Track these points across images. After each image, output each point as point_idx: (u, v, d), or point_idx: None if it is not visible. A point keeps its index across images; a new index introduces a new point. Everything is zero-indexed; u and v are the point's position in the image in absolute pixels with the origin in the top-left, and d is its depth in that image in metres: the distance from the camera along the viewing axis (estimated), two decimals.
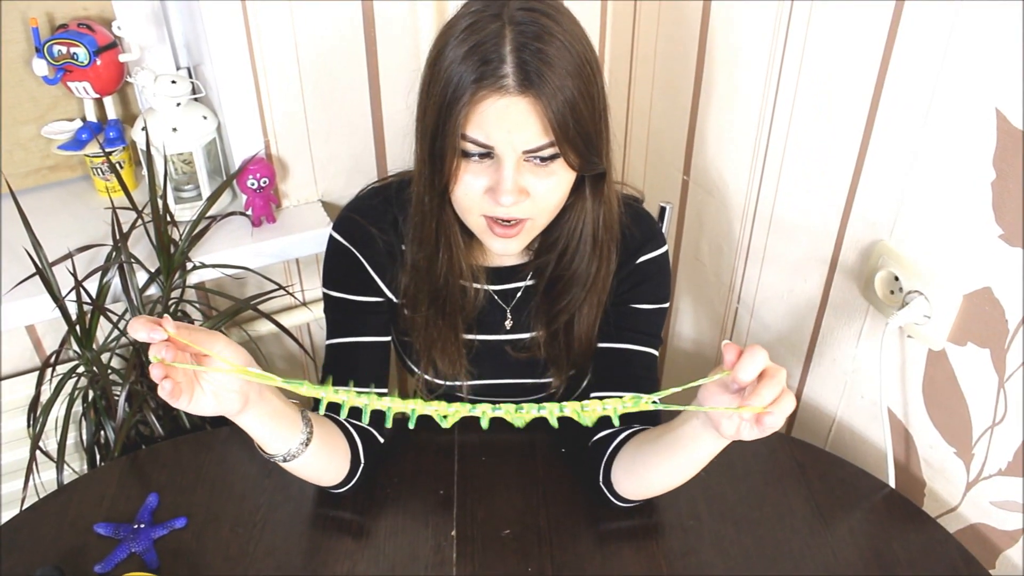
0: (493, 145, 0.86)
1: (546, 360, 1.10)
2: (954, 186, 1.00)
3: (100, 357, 1.28)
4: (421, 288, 1.03)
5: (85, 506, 1.05)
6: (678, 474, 0.95)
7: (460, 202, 0.92)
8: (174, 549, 1.00)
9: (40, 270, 1.23)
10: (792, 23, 1.16)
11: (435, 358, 1.07)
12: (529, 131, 0.85)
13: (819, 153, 1.18)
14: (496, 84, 0.83)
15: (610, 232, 1.01)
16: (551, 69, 0.83)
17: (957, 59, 0.95)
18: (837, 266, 1.21)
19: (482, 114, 0.84)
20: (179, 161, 1.43)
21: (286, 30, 1.32)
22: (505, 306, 1.09)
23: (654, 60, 1.49)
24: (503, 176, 0.87)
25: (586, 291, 1.03)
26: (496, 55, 0.83)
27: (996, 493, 1.06)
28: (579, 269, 1.01)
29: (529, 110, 0.84)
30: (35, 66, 1.31)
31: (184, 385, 0.77)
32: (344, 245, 1.05)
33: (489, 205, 0.90)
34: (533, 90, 0.83)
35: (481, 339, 1.10)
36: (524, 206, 0.90)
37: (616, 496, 1.02)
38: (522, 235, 0.94)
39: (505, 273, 1.08)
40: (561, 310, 1.05)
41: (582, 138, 0.87)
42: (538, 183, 0.89)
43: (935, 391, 1.11)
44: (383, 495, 1.07)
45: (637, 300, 1.07)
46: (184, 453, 1.13)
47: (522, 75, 0.83)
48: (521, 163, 0.88)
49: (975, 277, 1.00)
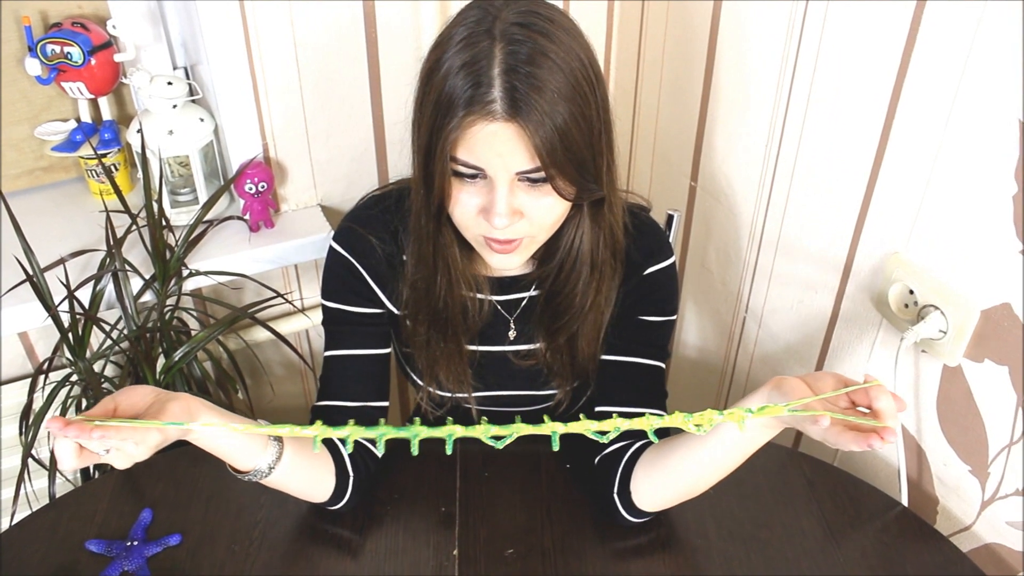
0: (484, 167, 0.84)
1: (549, 372, 1.08)
2: (973, 198, 0.97)
3: (93, 366, 1.25)
4: (421, 307, 1.01)
5: (76, 522, 1.03)
6: (710, 471, 0.93)
7: (458, 220, 0.91)
8: (168, 568, 0.97)
9: (31, 277, 1.20)
10: (806, 24, 1.13)
11: (439, 374, 1.05)
12: (519, 156, 0.83)
13: (832, 161, 1.15)
14: (484, 110, 0.80)
15: (611, 253, 0.99)
16: (540, 95, 0.80)
17: (979, 68, 0.92)
18: (850, 278, 1.18)
19: (471, 139, 0.82)
20: (175, 164, 1.40)
21: (285, 30, 1.29)
22: (508, 316, 1.07)
23: (662, 63, 1.46)
24: (496, 198, 0.85)
25: (585, 311, 1.01)
26: (486, 77, 0.80)
27: (1013, 513, 1.04)
28: (576, 288, 0.99)
29: (517, 136, 0.81)
30: (28, 65, 1.28)
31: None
32: (344, 256, 1.02)
33: (484, 226, 0.88)
34: (520, 117, 0.80)
35: (485, 350, 1.08)
36: (519, 226, 0.88)
37: (629, 508, 0.99)
38: (521, 250, 0.92)
39: (508, 283, 1.05)
40: (561, 327, 1.03)
41: (574, 164, 0.84)
42: (533, 203, 0.87)
43: (950, 408, 1.08)
44: (383, 512, 1.04)
45: (644, 312, 1.05)
46: (180, 466, 1.11)
47: (510, 101, 0.80)
48: (515, 184, 0.85)
49: (994, 292, 0.98)
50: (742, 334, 1.45)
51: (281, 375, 1.64)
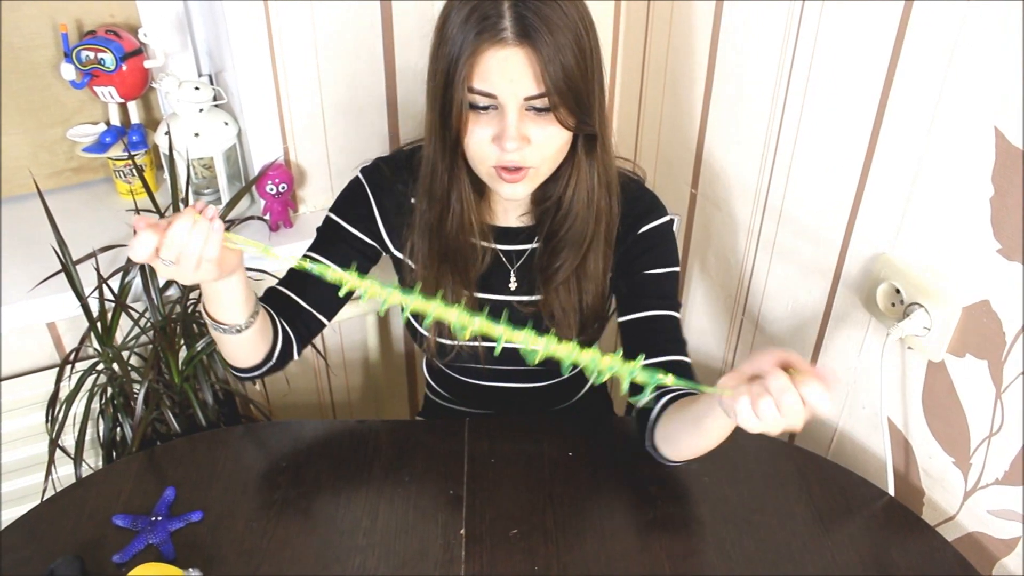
0: (496, 94, 0.93)
1: (552, 323, 1.13)
2: (954, 201, 1.02)
3: (121, 354, 1.31)
4: (433, 245, 1.09)
5: (103, 499, 1.08)
6: (704, 443, 1.01)
7: (472, 153, 0.99)
8: (190, 542, 1.03)
9: (65, 267, 1.26)
10: (800, 41, 1.19)
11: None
12: (527, 81, 0.92)
13: (824, 168, 1.21)
14: (496, 36, 0.91)
15: (607, 194, 1.08)
16: (546, 25, 0.91)
17: (958, 79, 0.98)
18: (840, 278, 1.24)
19: (485, 65, 0.92)
20: (200, 166, 1.46)
21: (307, 38, 1.36)
22: (510, 266, 1.14)
23: (664, 72, 1.52)
24: (507, 123, 0.94)
25: (584, 249, 1.08)
26: (495, 11, 0.91)
27: (993, 502, 1.09)
28: (575, 227, 1.07)
29: (527, 61, 0.91)
30: (63, 70, 1.35)
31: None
32: (363, 186, 1.13)
33: (496, 153, 0.97)
34: (529, 41, 0.91)
35: (486, 298, 1.15)
36: (526, 153, 0.97)
37: (663, 456, 1.07)
38: (526, 181, 1.01)
39: (512, 234, 1.14)
40: (558, 268, 1.09)
41: (574, 94, 0.94)
42: (538, 131, 0.96)
43: (934, 402, 1.13)
44: (394, 494, 1.10)
45: (646, 267, 1.12)
46: (200, 449, 1.16)
47: (520, 27, 0.91)
48: (523, 112, 0.95)
49: (974, 290, 1.03)
50: (739, 335, 1.50)
51: (296, 371, 1.70)
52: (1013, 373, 1.00)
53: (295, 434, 1.20)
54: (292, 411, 1.72)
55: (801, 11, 1.18)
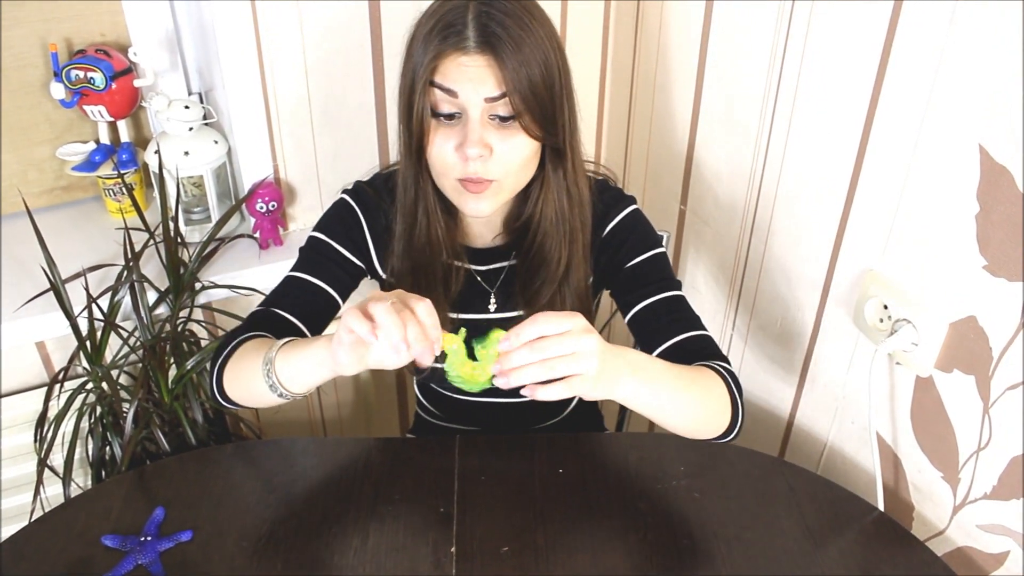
0: (458, 91, 0.94)
1: None
2: (940, 218, 1.03)
3: (110, 373, 1.31)
4: (404, 262, 1.09)
5: (92, 519, 1.07)
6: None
7: (435, 163, 0.99)
8: (180, 562, 1.02)
9: (54, 286, 1.26)
10: (787, 56, 1.21)
11: None
12: (488, 83, 0.93)
13: (812, 185, 1.22)
14: (459, 44, 0.93)
15: (579, 211, 1.07)
16: (508, 34, 0.92)
17: (943, 98, 0.99)
18: (829, 294, 1.25)
19: (447, 67, 0.94)
20: (189, 184, 1.46)
21: (297, 58, 1.36)
22: (489, 288, 1.14)
23: (653, 88, 1.53)
24: (469, 128, 0.95)
25: (559, 271, 1.08)
26: (460, 21, 0.93)
27: (982, 517, 1.09)
28: (549, 247, 1.07)
29: (487, 66, 0.93)
30: (53, 89, 1.35)
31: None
32: (352, 205, 1.13)
33: (460, 165, 0.97)
34: (492, 49, 0.92)
35: (465, 318, 1.14)
36: (489, 165, 0.97)
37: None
38: (490, 196, 1.00)
39: (487, 254, 1.13)
40: (538, 289, 1.09)
41: (538, 103, 0.94)
42: (500, 142, 0.96)
43: (923, 417, 1.14)
44: (385, 512, 1.09)
45: (627, 259, 1.11)
46: (189, 468, 1.16)
47: (482, 37, 0.92)
48: (486, 120, 0.95)
49: (960, 306, 1.04)
50: (729, 350, 1.51)
51: None
52: (1000, 388, 1.01)
53: (285, 452, 1.20)
54: (282, 429, 1.72)
55: (788, 27, 1.19)
